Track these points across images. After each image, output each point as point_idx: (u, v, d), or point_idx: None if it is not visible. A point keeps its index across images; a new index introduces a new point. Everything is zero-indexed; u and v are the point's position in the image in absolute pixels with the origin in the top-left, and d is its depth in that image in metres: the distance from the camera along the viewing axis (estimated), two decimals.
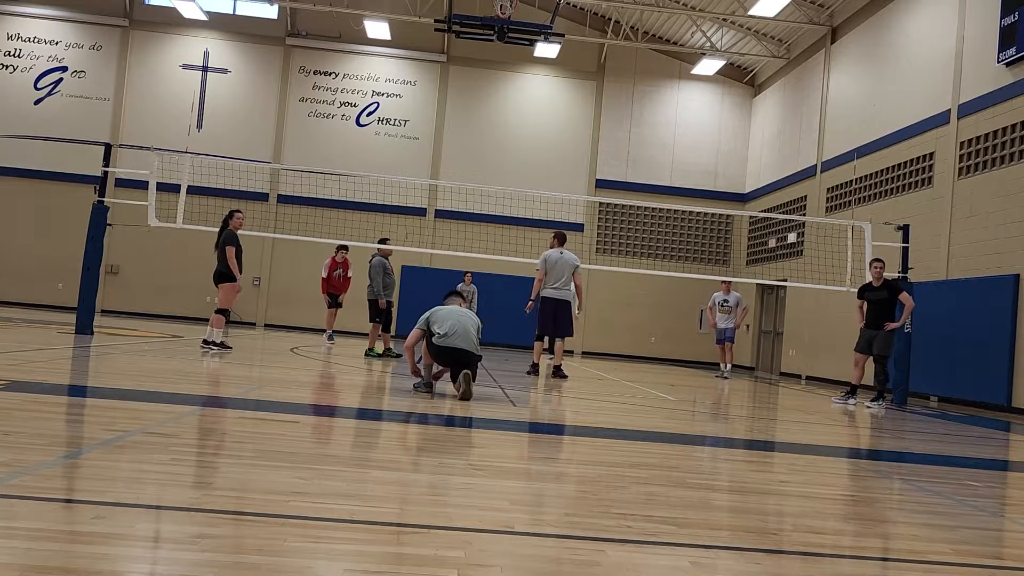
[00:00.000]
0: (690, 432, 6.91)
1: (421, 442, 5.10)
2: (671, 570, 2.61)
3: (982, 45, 13.39)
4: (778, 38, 21.37)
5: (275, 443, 4.32)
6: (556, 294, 10.96)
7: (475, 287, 18.07)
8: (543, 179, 22.59)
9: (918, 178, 14.99)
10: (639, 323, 23.13)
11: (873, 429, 8.36)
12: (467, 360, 7.10)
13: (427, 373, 7.47)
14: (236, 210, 11.35)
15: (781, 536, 3.17)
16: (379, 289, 12.45)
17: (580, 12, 22.96)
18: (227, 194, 19.00)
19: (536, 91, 23.77)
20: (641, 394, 10.08)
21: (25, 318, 15.81)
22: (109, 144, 13.21)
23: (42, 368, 7.12)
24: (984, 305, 12.56)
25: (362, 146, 23.12)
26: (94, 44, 22.87)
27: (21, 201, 22.19)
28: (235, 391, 6.91)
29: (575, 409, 7.94)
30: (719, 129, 23.77)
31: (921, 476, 5.14)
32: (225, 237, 10.89)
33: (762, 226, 22.17)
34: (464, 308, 7.52)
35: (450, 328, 7.06)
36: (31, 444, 3.68)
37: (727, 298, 15.87)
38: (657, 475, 4.26)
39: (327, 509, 2.99)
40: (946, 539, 3.32)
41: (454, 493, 3.44)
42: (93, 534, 2.43)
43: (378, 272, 12.45)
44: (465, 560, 2.48)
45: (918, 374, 12.95)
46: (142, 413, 5.05)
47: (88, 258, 12.18)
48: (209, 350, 10.67)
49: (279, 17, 23.15)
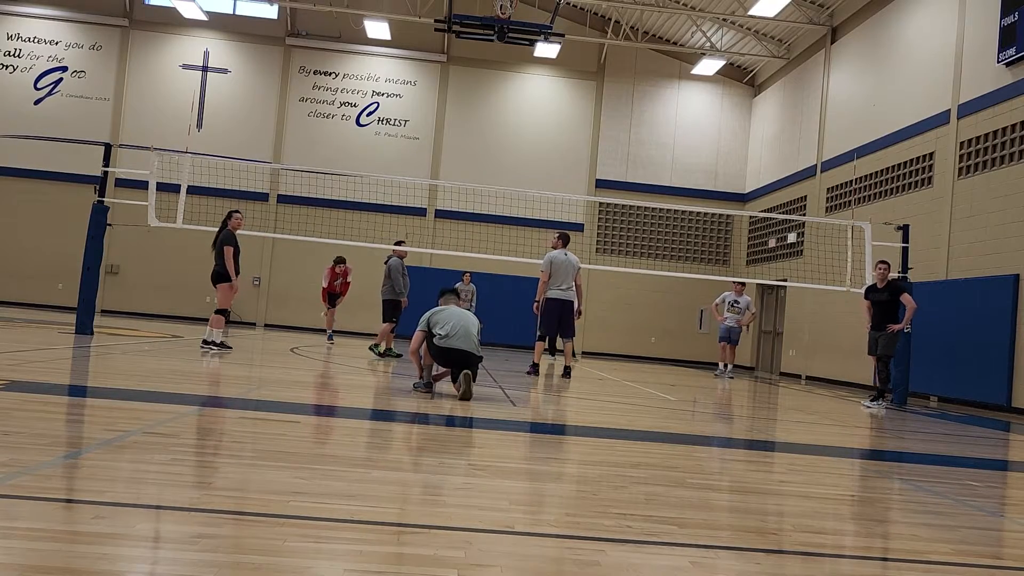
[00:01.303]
0: (690, 432, 6.90)
1: (421, 442, 5.10)
2: (671, 570, 2.61)
3: (982, 45, 13.39)
4: (778, 38, 21.37)
5: (275, 443, 4.32)
6: (561, 295, 10.95)
7: (474, 287, 18.05)
8: (543, 179, 22.59)
9: (918, 178, 14.99)
10: (639, 323, 23.12)
11: (873, 429, 8.36)
12: (468, 361, 7.11)
13: (427, 374, 7.48)
14: (235, 210, 11.36)
15: (781, 536, 3.17)
16: (401, 289, 12.54)
17: (580, 12, 22.96)
18: (227, 194, 19.01)
19: (536, 91, 23.77)
20: (641, 394, 10.08)
21: (25, 318, 15.81)
22: (109, 144, 13.21)
23: (42, 368, 7.11)
24: (984, 305, 12.55)
25: (362, 146, 23.12)
26: (94, 44, 22.87)
27: (21, 201, 22.19)
28: (235, 391, 6.91)
29: (575, 409, 7.94)
30: (719, 129, 23.77)
31: (921, 476, 5.14)
32: (223, 237, 10.88)
33: (762, 226, 22.17)
34: (463, 308, 7.53)
35: (451, 329, 7.06)
36: (31, 444, 3.68)
37: (738, 300, 15.72)
38: (657, 475, 4.26)
39: (327, 509, 2.99)
40: (946, 539, 3.32)
41: (454, 493, 3.44)
42: (93, 534, 2.43)
43: (399, 273, 12.53)
44: (465, 560, 2.48)
45: (918, 374, 12.95)
46: (142, 413, 5.05)
47: (88, 258, 12.18)
48: (209, 350, 10.67)
49: (279, 17, 23.15)
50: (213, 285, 11.05)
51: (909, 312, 10.86)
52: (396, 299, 12.61)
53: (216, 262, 10.90)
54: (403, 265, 12.74)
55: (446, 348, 7.06)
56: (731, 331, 15.68)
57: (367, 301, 18.37)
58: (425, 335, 7.24)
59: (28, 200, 22.15)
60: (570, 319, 11.14)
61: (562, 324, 11.09)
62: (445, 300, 7.64)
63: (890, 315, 10.89)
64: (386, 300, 12.65)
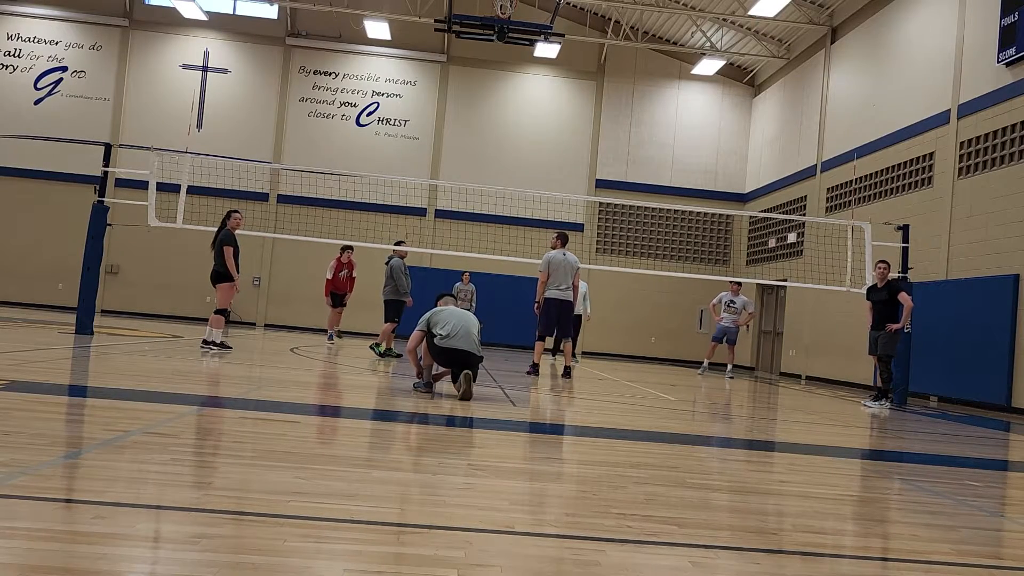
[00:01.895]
0: (690, 432, 6.90)
1: (421, 442, 5.10)
2: (671, 570, 2.61)
3: (982, 45, 13.39)
4: (778, 38, 21.36)
5: (275, 443, 4.32)
6: (560, 295, 10.95)
7: (473, 286, 18.04)
8: (543, 179, 22.59)
9: (918, 178, 14.99)
10: (639, 323, 23.12)
11: (873, 429, 8.36)
12: (469, 361, 7.12)
13: (427, 373, 7.48)
14: (234, 210, 11.38)
15: (781, 536, 3.17)
16: (405, 289, 12.61)
17: (580, 12, 22.96)
18: (227, 194, 19.02)
19: (536, 91, 23.77)
20: (641, 394, 10.08)
21: (25, 318, 15.81)
22: (109, 144, 13.21)
23: (42, 368, 7.11)
24: (984, 305, 12.55)
25: (362, 146, 23.12)
26: (94, 44, 22.86)
27: (21, 201, 22.19)
28: (235, 391, 6.91)
29: (575, 409, 7.94)
30: (719, 129, 23.77)
31: (921, 476, 5.14)
32: (223, 237, 10.89)
33: (762, 226, 22.17)
34: (463, 309, 7.54)
35: (452, 329, 7.07)
36: (31, 444, 3.68)
37: (734, 299, 15.71)
38: (657, 475, 4.26)
39: (327, 509, 2.99)
40: (946, 539, 3.32)
41: (454, 493, 3.43)
42: (93, 534, 2.43)
43: (400, 273, 12.58)
44: (465, 560, 2.48)
45: (918, 374, 12.95)
46: (142, 413, 5.05)
47: (88, 258, 12.18)
48: (209, 350, 10.68)
49: (279, 17, 23.14)
50: (213, 285, 11.08)
51: (906, 311, 10.87)
52: (398, 299, 12.67)
53: (216, 262, 10.92)
54: (404, 265, 12.79)
55: (447, 348, 7.06)
56: (727, 331, 15.64)
57: (368, 301, 18.36)
58: (424, 335, 7.25)
59: (28, 200, 22.15)
60: (569, 319, 11.15)
61: (561, 324, 11.10)
62: (444, 302, 7.66)
63: (890, 315, 10.90)
64: (388, 300, 12.70)
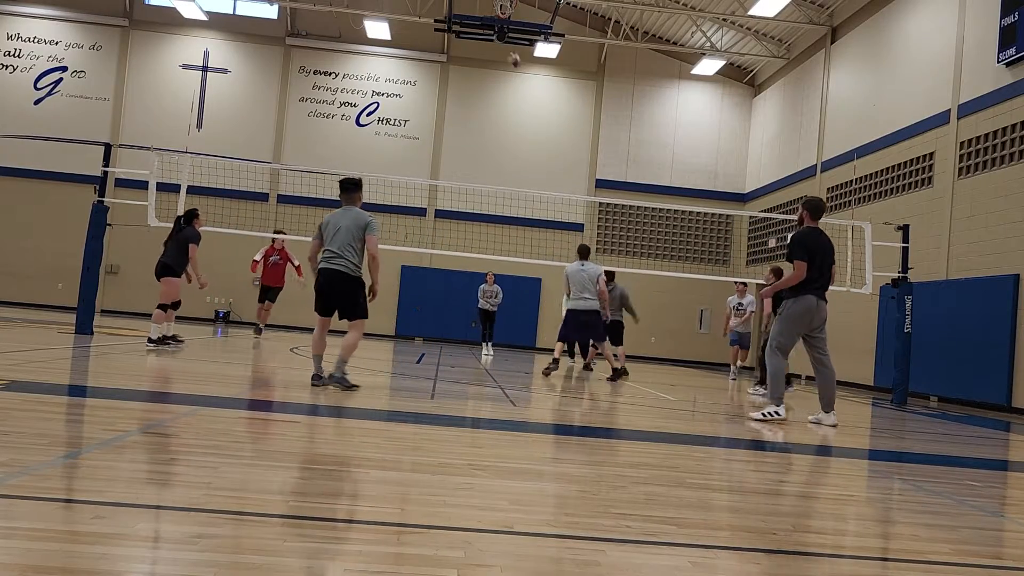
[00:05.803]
0: (690, 432, 6.90)
1: (421, 442, 5.10)
2: (671, 570, 2.61)
3: (982, 45, 13.38)
4: (778, 38, 21.36)
5: (275, 443, 4.32)
6: (580, 305, 11.24)
7: (499, 287, 17.44)
8: (543, 179, 22.59)
9: (918, 178, 14.99)
10: (639, 323, 23.06)
11: (873, 429, 8.36)
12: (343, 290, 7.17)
13: (317, 363, 7.39)
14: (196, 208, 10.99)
15: (781, 536, 3.16)
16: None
17: (580, 12, 22.96)
18: (227, 194, 19.02)
19: (536, 91, 23.76)
20: (641, 394, 10.08)
21: (25, 318, 15.81)
22: (109, 144, 13.21)
23: (42, 368, 7.11)
24: (984, 305, 12.55)
25: (362, 146, 23.11)
26: (94, 44, 22.87)
27: (21, 201, 22.19)
28: (235, 391, 6.91)
29: (575, 409, 7.94)
30: (719, 129, 23.77)
31: (921, 476, 5.14)
32: (190, 235, 10.50)
33: (762, 226, 22.17)
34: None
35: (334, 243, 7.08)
36: (31, 444, 3.68)
37: (742, 301, 15.62)
38: (657, 475, 4.26)
39: (327, 509, 2.99)
40: (946, 539, 3.32)
41: (454, 493, 3.43)
42: (93, 534, 2.43)
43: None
44: (465, 560, 2.48)
45: (918, 374, 12.95)
46: (142, 413, 5.04)
47: (88, 258, 12.17)
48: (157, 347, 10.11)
49: (279, 17, 23.15)
50: (157, 279, 10.54)
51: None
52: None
53: (167, 255, 10.46)
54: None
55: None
56: (741, 336, 15.47)
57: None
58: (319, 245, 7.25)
59: (28, 200, 22.16)
60: (596, 325, 11.32)
61: (587, 332, 11.53)
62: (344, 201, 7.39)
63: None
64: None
